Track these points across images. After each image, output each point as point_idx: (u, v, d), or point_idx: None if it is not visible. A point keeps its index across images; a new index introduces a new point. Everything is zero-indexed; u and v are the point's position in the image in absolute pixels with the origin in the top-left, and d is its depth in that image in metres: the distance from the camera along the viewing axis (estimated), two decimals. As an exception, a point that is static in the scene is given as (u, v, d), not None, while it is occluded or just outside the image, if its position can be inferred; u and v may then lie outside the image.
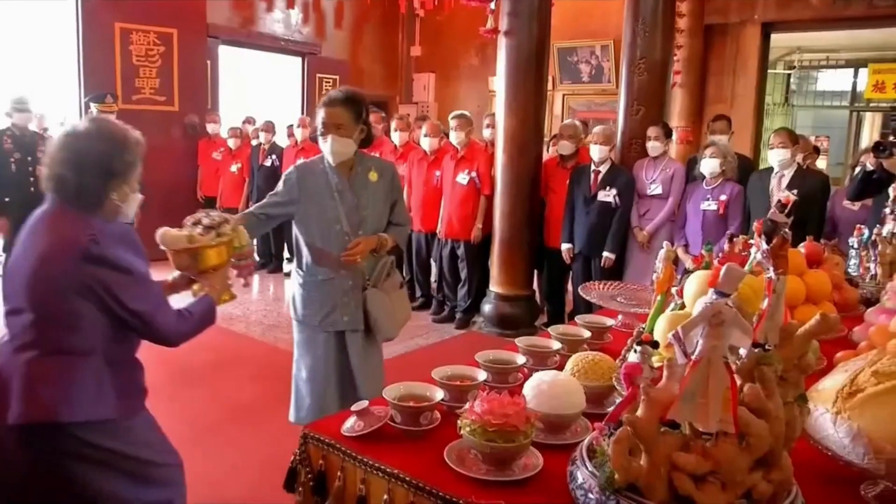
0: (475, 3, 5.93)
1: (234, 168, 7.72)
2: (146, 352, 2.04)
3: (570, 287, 5.56)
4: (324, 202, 2.67)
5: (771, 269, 1.15)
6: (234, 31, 8.94)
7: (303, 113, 9.22)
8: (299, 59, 9.81)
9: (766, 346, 1.11)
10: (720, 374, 0.97)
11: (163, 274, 2.05)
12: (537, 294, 5.87)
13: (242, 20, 9.05)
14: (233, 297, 2.09)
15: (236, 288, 2.17)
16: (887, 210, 3.01)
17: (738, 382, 1.05)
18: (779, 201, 1.18)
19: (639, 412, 1.01)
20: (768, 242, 1.15)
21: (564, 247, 5.16)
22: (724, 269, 0.96)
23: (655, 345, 1.13)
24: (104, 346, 1.78)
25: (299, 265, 2.83)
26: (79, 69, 7.34)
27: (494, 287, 5.57)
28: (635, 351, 1.10)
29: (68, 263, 1.68)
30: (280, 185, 2.73)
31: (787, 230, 1.18)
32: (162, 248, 1.99)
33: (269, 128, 7.53)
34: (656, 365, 1.09)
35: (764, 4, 7.98)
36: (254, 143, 7.75)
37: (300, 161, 2.86)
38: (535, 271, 5.78)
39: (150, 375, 2.07)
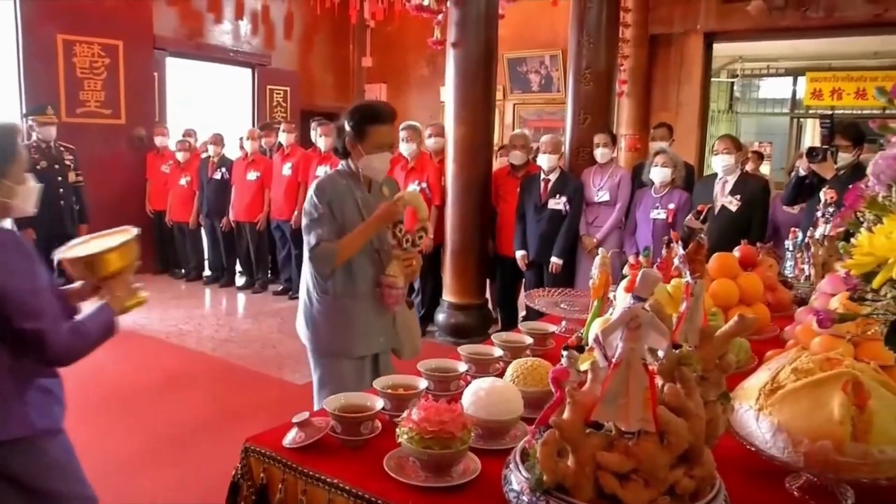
0: (424, 15, 5.98)
1: (183, 181, 7.62)
2: (90, 372, 1.98)
3: (522, 294, 5.62)
4: (355, 220, 2.49)
5: (688, 273, 1.20)
6: (182, 42, 8.83)
7: (253, 125, 9.14)
8: (249, 71, 9.73)
9: (689, 347, 1.15)
10: (639, 375, 1.00)
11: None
12: (490, 302, 5.92)
13: (190, 32, 8.95)
14: (141, 301, 1.92)
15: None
16: (819, 213, 3.13)
17: (660, 383, 1.09)
18: (696, 209, 1.23)
19: (564, 415, 1.05)
20: (685, 248, 1.20)
21: (519, 254, 5.21)
22: (640, 274, 1.00)
23: (581, 349, 1.17)
24: (9, 362, 1.67)
25: (323, 290, 2.55)
26: (19, 82, 7.14)
27: (447, 296, 5.60)
28: (563, 355, 1.14)
29: None
30: (318, 205, 2.46)
31: (702, 236, 1.23)
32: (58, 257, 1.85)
33: (218, 140, 7.45)
34: (583, 368, 1.13)
35: (706, 15, 8.21)
36: (203, 155, 7.66)
37: (319, 178, 2.61)
38: (488, 280, 5.83)
39: (94, 396, 2.02)
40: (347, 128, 2.51)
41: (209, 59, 9.34)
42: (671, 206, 4.64)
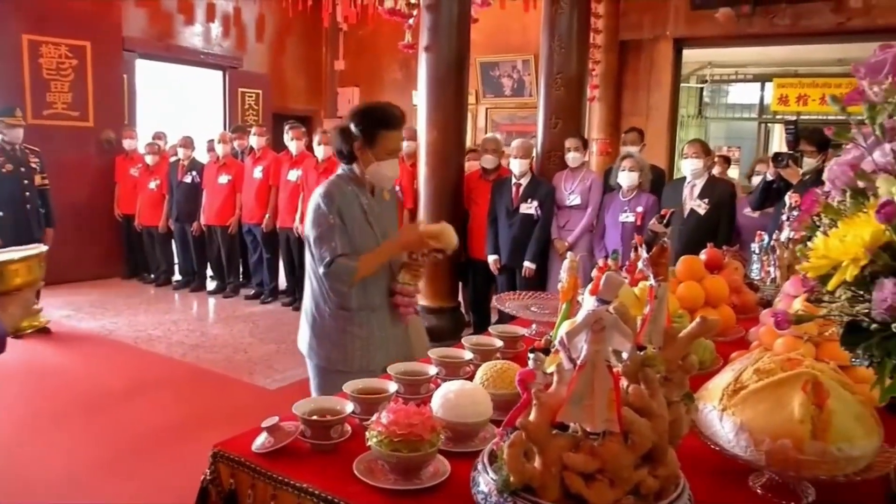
0: (396, 19, 6.00)
1: (152, 185, 7.54)
2: (59, 379, 1.94)
3: (495, 298, 5.64)
4: (362, 228, 2.39)
5: (651, 276, 1.22)
6: (152, 44, 8.75)
7: (224, 128, 9.07)
8: (220, 73, 9.66)
9: (653, 348, 1.17)
10: (604, 376, 1.02)
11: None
12: (463, 306, 5.94)
13: (160, 33, 8.86)
14: (39, 325, 1.74)
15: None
16: (784, 217, 3.20)
17: (625, 384, 1.11)
18: (659, 214, 1.25)
19: (531, 416, 1.06)
20: (648, 252, 1.22)
21: (491, 258, 5.24)
22: (603, 278, 1.02)
23: (547, 351, 1.18)
24: None
25: (339, 305, 2.43)
26: (-17, 83, 7.04)
27: (420, 300, 5.60)
28: (529, 358, 1.15)
29: None
30: (329, 214, 2.33)
31: (666, 239, 1.25)
32: None
33: (188, 143, 7.38)
34: (549, 371, 1.14)
35: (675, 21, 8.33)
36: (172, 159, 7.58)
37: (324, 185, 2.43)
38: (461, 283, 5.84)
39: (63, 403, 1.97)
40: (356, 131, 2.38)
41: (180, 61, 9.26)
42: (639, 209, 4.70)
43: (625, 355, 1.07)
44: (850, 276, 0.90)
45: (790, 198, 3.26)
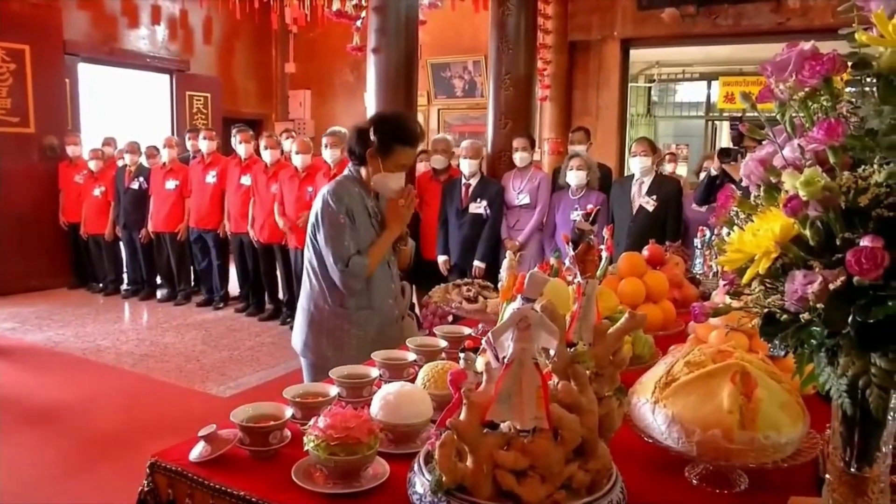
0: (343, 21, 5.97)
1: (97, 192, 7.36)
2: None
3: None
4: (367, 230, 2.46)
5: (578, 273, 1.24)
6: (95, 47, 8.55)
7: (172, 132, 8.91)
8: (167, 77, 9.48)
9: (584, 345, 1.19)
10: (531, 374, 1.03)
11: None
12: (416, 307, 5.92)
13: (104, 36, 8.66)
14: None
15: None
16: (725, 212, 3.27)
17: (555, 380, 1.12)
18: (585, 211, 1.27)
19: (461, 416, 1.06)
20: (575, 249, 1.24)
21: (441, 259, 5.24)
22: (527, 276, 1.03)
23: (478, 350, 1.19)
24: None
25: (340, 304, 2.49)
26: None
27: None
28: (460, 357, 1.16)
29: None
30: (339, 214, 2.37)
31: (592, 237, 1.27)
32: None
33: (135, 149, 7.23)
34: (480, 370, 1.15)
35: (622, 22, 8.47)
36: (119, 164, 7.42)
37: (332, 185, 2.48)
38: (413, 285, 5.83)
39: (4, 418, 1.92)
40: (372, 137, 2.41)
41: (124, 64, 9.07)
42: (589, 206, 4.75)
43: (552, 352, 1.09)
44: (763, 269, 0.92)
45: (732, 193, 3.33)
